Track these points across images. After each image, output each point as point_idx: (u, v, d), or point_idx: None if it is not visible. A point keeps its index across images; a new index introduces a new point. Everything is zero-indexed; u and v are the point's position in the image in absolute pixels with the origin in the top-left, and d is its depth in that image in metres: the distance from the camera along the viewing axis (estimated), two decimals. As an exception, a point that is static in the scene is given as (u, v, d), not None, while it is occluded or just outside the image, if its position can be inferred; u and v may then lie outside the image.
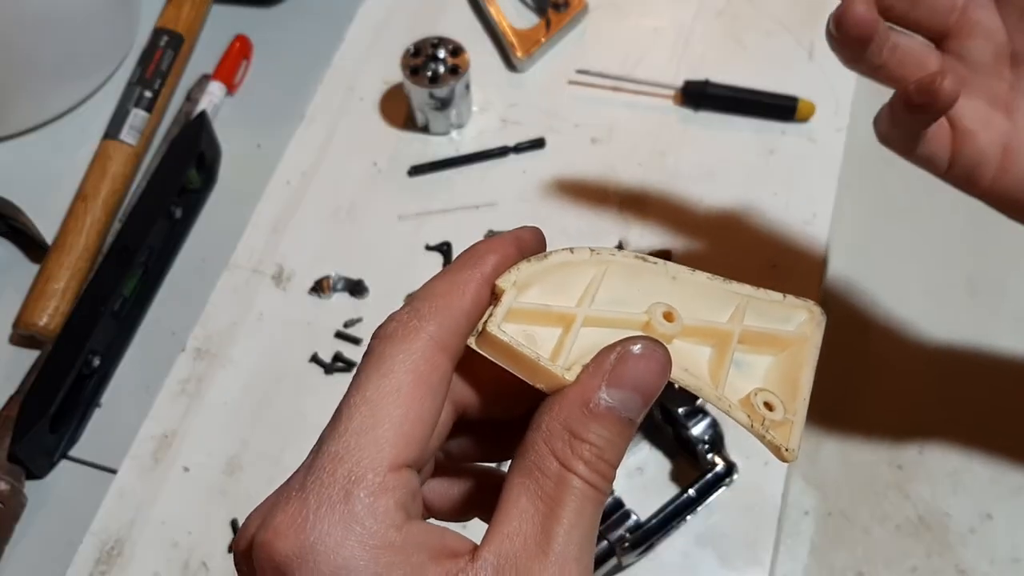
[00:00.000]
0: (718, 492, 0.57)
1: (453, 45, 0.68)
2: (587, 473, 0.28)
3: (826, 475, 0.59)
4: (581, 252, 0.32)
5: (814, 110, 0.70)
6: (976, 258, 0.67)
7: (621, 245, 0.66)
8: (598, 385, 0.29)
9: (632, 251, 0.33)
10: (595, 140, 0.71)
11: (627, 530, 0.54)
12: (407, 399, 0.28)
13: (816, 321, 0.35)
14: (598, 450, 0.28)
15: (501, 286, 0.31)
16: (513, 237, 0.32)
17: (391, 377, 0.29)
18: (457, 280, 0.31)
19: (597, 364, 0.30)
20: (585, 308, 0.32)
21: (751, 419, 0.33)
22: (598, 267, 0.32)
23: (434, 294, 0.30)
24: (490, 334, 0.30)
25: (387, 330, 0.30)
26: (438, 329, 0.30)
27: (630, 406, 0.29)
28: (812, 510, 0.58)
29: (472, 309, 0.30)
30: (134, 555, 0.57)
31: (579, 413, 0.29)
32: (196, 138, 0.68)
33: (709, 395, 0.32)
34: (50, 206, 0.68)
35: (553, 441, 0.29)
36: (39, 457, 0.59)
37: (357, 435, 0.28)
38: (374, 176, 0.70)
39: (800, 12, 0.76)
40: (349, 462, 0.27)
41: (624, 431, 0.29)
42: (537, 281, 0.32)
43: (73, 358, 0.59)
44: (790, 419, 0.34)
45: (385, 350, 0.29)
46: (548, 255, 0.32)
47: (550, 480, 0.28)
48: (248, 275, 0.66)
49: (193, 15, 0.75)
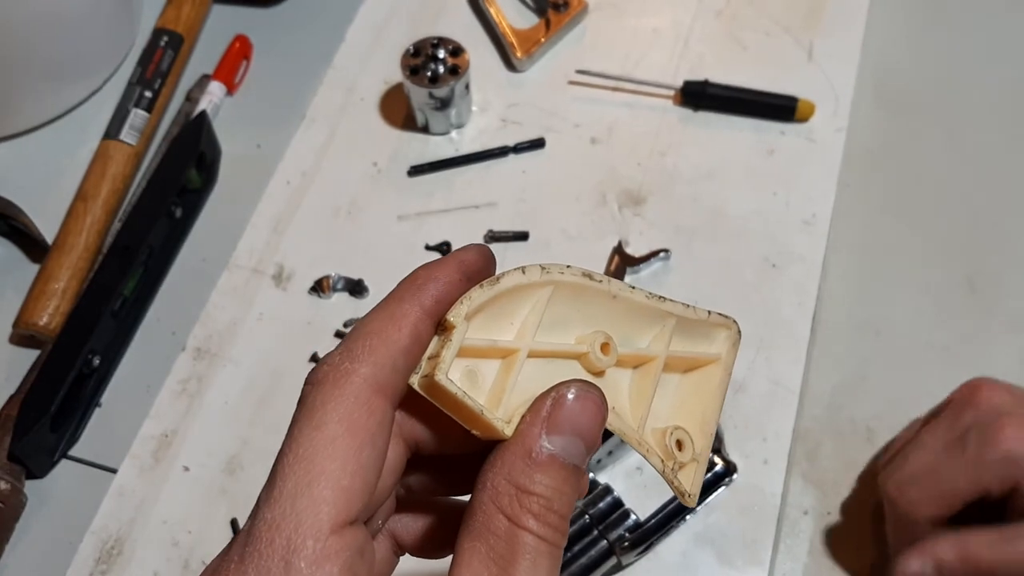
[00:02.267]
0: (718, 492, 0.57)
1: (453, 45, 0.68)
2: (537, 527, 0.27)
3: (826, 475, 0.59)
4: (532, 272, 0.30)
5: (814, 110, 0.70)
6: (976, 258, 0.67)
7: (621, 245, 0.66)
8: (538, 433, 0.28)
9: (579, 268, 0.32)
10: (595, 140, 0.71)
11: (626, 530, 0.54)
12: (343, 451, 0.27)
13: (732, 340, 0.35)
14: (546, 501, 0.27)
15: (451, 321, 0.29)
16: (456, 261, 0.30)
17: (323, 429, 0.27)
18: (394, 314, 0.29)
19: (535, 412, 0.28)
20: (528, 341, 0.30)
21: (664, 463, 0.32)
22: (546, 288, 0.31)
23: (368, 331, 0.29)
24: (436, 383, 0.28)
25: (318, 375, 0.28)
26: (373, 370, 0.28)
27: (572, 451, 0.28)
28: (812, 510, 0.58)
29: (411, 344, 0.29)
30: (134, 554, 0.57)
31: (522, 464, 0.27)
32: (196, 138, 0.68)
33: (631, 439, 0.32)
34: (50, 206, 0.68)
35: (499, 498, 0.27)
36: (39, 457, 0.59)
37: (292, 499, 0.26)
38: (374, 176, 0.70)
39: (800, 12, 0.76)
40: (287, 530, 0.26)
41: (570, 478, 0.28)
42: (486, 307, 0.30)
43: (73, 358, 0.59)
44: (695, 459, 0.33)
45: (316, 398, 0.28)
46: (499, 279, 0.30)
47: (500, 540, 0.27)
48: (248, 275, 0.66)
49: (193, 15, 0.75)
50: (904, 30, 0.76)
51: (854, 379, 0.62)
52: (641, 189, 0.69)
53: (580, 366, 0.32)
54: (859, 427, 0.60)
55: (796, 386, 0.60)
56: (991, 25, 0.77)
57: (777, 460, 0.58)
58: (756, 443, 0.59)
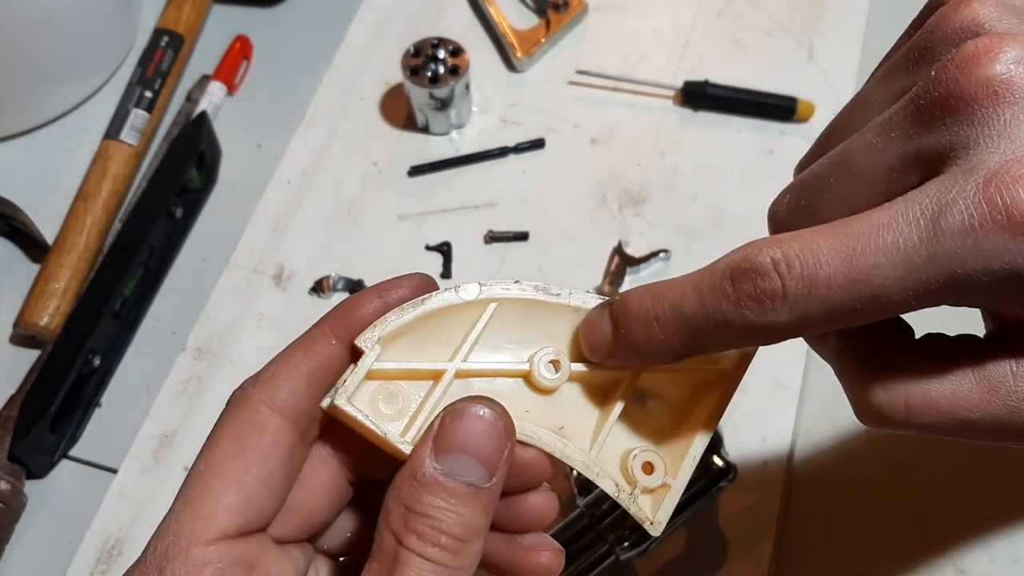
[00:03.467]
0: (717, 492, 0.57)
1: (453, 45, 0.68)
2: (420, 547, 0.27)
3: (826, 475, 0.59)
4: (468, 290, 0.30)
5: (814, 110, 0.70)
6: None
7: (621, 245, 0.66)
8: (425, 453, 0.28)
9: (533, 283, 0.31)
10: (595, 140, 0.71)
11: (627, 530, 0.54)
12: (228, 470, 0.28)
13: (743, 352, 0.33)
14: (433, 521, 0.27)
15: (359, 345, 0.29)
16: (377, 288, 0.31)
17: (216, 449, 0.29)
18: (303, 341, 0.30)
19: (426, 432, 0.28)
20: (457, 362, 0.30)
21: (618, 488, 0.31)
22: (486, 306, 0.30)
23: (277, 357, 0.30)
24: (336, 406, 0.29)
25: (229, 399, 0.30)
26: (271, 393, 0.29)
27: (464, 471, 0.28)
28: (812, 510, 0.58)
29: (319, 369, 0.30)
30: (134, 554, 0.56)
31: (410, 485, 0.27)
32: (196, 138, 0.68)
33: (575, 461, 0.31)
34: (50, 206, 0.68)
35: (390, 518, 0.27)
36: (39, 457, 0.59)
37: (180, 511, 0.28)
38: (374, 176, 0.70)
39: (800, 12, 0.76)
40: (168, 537, 0.28)
41: (466, 498, 0.27)
42: (411, 330, 0.30)
43: (73, 358, 0.59)
44: (668, 484, 0.31)
45: (219, 421, 0.30)
46: (424, 300, 0.30)
47: (387, 558, 0.27)
48: (248, 275, 0.66)
49: (193, 15, 0.75)
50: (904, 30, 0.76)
51: (854, 379, 0.62)
52: (641, 189, 0.69)
53: (526, 385, 0.31)
54: (859, 427, 0.60)
55: (796, 386, 0.60)
56: (991, 25, 0.77)
57: (777, 460, 0.58)
58: (756, 443, 0.59)
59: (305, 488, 0.31)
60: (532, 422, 0.31)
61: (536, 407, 0.31)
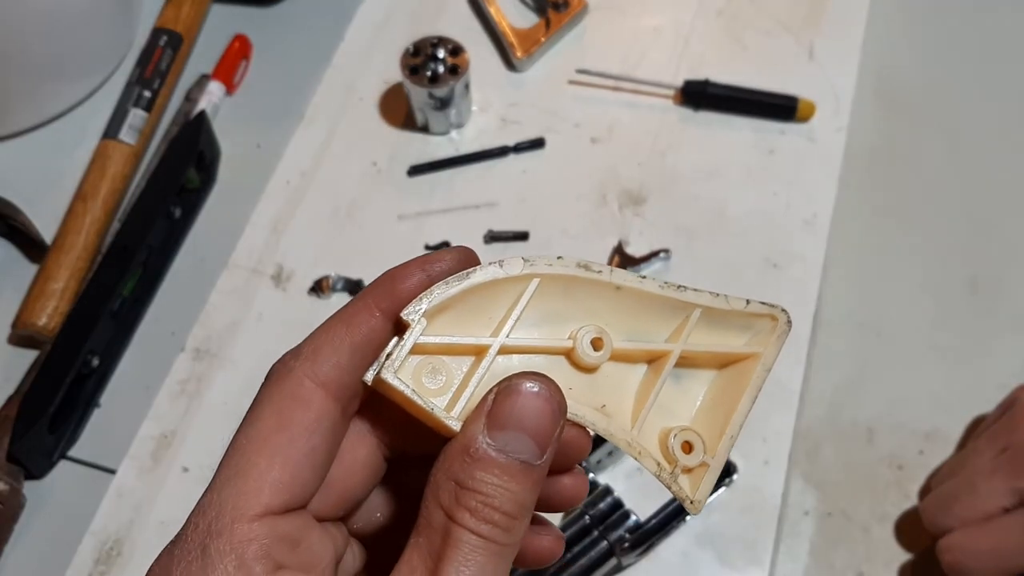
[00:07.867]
0: (718, 492, 0.57)
1: (453, 45, 0.68)
2: (473, 523, 0.26)
3: (826, 475, 0.59)
4: (512, 265, 0.29)
5: (814, 110, 0.70)
6: (977, 258, 0.67)
7: (621, 245, 0.66)
8: (478, 429, 0.27)
9: (575, 259, 0.30)
10: (595, 140, 0.71)
11: (627, 530, 0.54)
12: (273, 445, 0.28)
13: (778, 332, 0.33)
14: (485, 497, 0.27)
15: (405, 319, 0.28)
16: (421, 261, 0.30)
17: (258, 423, 0.28)
18: (346, 314, 0.30)
19: (479, 408, 0.28)
20: (501, 337, 0.30)
21: (660, 467, 0.31)
22: (530, 281, 0.30)
23: (319, 331, 0.30)
24: (383, 379, 0.28)
25: (269, 372, 0.30)
26: (315, 366, 0.29)
27: (518, 448, 0.27)
28: (812, 510, 0.58)
29: (361, 343, 0.29)
30: (133, 555, 0.57)
31: (461, 461, 0.27)
32: (195, 138, 0.68)
33: (618, 440, 0.30)
34: (49, 206, 0.68)
35: (439, 493, 0.27)
36: (38, 457, 0.59)
37: (222, 487, 0.28)
38: (374, 176, 0.70)
39: (800, 12, 0.76)
40: (211, 514, 0.27)
41: (518, 475, 0.27)
42: (456, 304, 0.29)
43: (72, 358, 0.59)
44: (707, 462, 0.31)
45: (261, 394, 0.29)
46: (469, 274, 0.29)
47: (437, 534, 0.27)
48: (248, 275, 0.66)
49: (193, 15, 0.75)
50: (904, 30, 0.76)
51: (854, 379, 0.62)
52: (641, 189, 0.69)
53: (567, 362, 0.31)
54: (859, 427, 0.60)
55: (796, 386, 0.60)
56: (991, 25, 0.77)
57: (777, 460, 0.58)
58: (756, 443, 0.59)
59: (344, 464, 0.30)
60: (575, 400, 0.30)
61: (579, 385, 0.31)
